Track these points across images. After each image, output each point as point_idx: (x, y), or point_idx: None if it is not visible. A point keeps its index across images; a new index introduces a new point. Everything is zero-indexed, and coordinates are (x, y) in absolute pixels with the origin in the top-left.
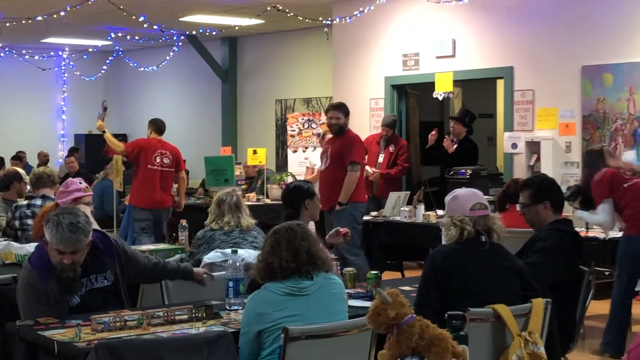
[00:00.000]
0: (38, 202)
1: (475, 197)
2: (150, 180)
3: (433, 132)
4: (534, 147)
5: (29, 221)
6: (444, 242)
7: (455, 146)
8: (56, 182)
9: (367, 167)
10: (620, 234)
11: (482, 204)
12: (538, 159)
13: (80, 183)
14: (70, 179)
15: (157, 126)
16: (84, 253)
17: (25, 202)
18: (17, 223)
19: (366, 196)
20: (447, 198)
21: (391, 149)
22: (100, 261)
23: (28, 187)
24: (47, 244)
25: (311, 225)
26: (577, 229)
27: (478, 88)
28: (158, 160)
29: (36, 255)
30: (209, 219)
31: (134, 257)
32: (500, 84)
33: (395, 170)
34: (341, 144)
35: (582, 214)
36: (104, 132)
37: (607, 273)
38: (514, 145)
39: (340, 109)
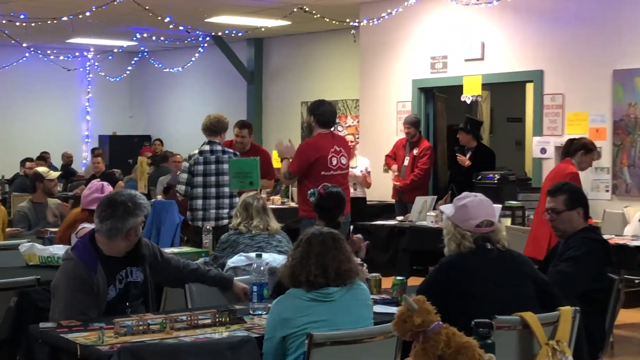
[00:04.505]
0: (206, 147)
1: (485, 213)
2: None
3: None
4: None
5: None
6: (445, 246)
7: (468, 155)
8: (225, 128)
9: (394, 168)
10: None
11: (489, 221)
12: None
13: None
14: (95, 182)
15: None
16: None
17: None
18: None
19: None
20: (457, 202)
21: (415, 152)
22: (137, 256)
23: (58, 188)
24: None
25: None
26: (606, 236)
27: (507, 92)
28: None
29: (80, 248)
30: (235, 222)
31: (168, 261)
32: (530, 88)
33: (414, 175)
34: None
35: None
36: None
37: (637, 281)
38: (543, 150)
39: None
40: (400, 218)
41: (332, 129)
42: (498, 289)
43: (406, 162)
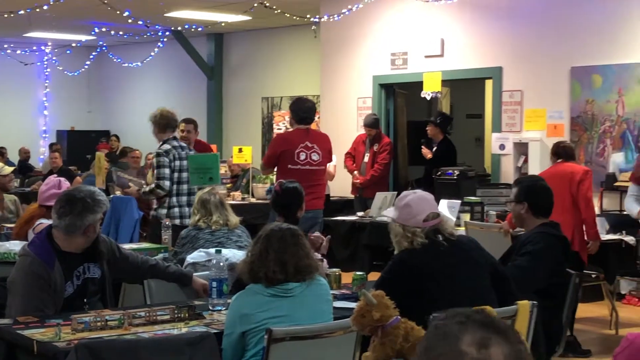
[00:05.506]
0: (175, 142)
1: (429, 206)
2: None
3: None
4: (522, 148)
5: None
6: (395, 248)
7: (435, 148)
8: (177, 122)
9: (355, 173)
10: (608, 237)
11: (434, 213)
12: (526, 160)
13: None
14: (52, 178)
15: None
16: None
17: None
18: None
19: None
20: (399, 203)
21: (375, 148)
22: (95, 252)
23: (15, 184)
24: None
25: None
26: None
27: (466, 88)
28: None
29: (37, 244)
30: (194, 219)
31: (126, 257)
32: (489, 85)
33: (373, 170)
34: None
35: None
36: None
37: (594, 276)
38: (502, 146)
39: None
40: (360, 214)
41: (310, 125)
42: (454, 283)
43: (366, 159)
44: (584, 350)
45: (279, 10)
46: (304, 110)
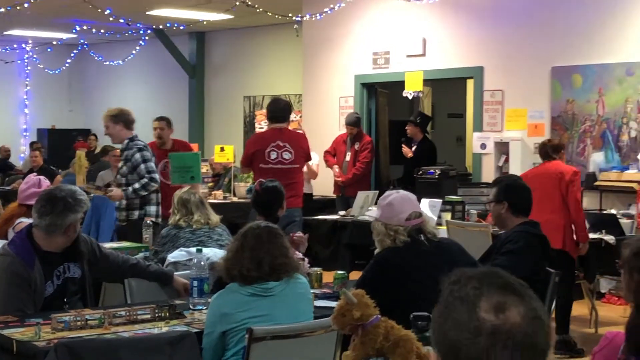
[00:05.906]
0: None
1: (411, 206)
2: None
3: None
4: (503, 147)
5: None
6: (377, 247)
7: (414, 148)
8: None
9: (336, 168)
10: (591, 235)
11: (417, 213)
12: (507, 160)
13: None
14: (32, 176)
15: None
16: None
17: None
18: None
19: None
20: (382, 202)
21: (356, 146)
22: (75, 251)
23: None
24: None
25: None
26: None
27: (448, 88)
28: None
29: (17, 243)
30: (174, 219)
31: (106, 257)
32: (470, 84)
33: (355, 168)
34: None
35: None
36: None
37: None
38: (483, 146)
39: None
40: (342, 213)
41: (284, 124)
42: (436, 283)
43: (348, 157)
44: (577, 349)
45: (261, 9)
46: (278, 109)
